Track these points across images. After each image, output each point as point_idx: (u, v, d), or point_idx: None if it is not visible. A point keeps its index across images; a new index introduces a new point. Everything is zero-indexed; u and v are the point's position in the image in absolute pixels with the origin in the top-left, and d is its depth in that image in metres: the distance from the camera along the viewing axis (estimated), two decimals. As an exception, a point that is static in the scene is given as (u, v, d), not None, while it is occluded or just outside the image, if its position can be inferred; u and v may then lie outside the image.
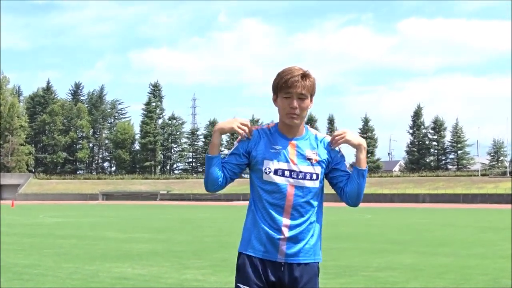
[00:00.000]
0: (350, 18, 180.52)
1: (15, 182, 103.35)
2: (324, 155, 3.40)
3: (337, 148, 3.44)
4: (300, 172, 3.32)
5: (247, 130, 3.39)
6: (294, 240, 3.31)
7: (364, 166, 3.39)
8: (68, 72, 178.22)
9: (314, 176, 3.34)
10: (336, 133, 3.42)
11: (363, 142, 3.39)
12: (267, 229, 3.32)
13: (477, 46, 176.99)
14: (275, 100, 3.39)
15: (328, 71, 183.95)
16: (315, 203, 3.38)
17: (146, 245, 16.07)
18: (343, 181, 3.44)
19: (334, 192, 3.47)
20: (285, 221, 3.30)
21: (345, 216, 36.53)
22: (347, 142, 3.39)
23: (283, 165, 3.32)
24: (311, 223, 3.36)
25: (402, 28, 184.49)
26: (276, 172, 3.31)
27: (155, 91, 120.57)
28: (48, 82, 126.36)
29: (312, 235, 3.38)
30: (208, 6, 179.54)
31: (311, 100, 3.35)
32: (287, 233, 3.30)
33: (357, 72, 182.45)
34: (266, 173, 3.32)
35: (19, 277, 10.05)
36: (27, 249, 14.99)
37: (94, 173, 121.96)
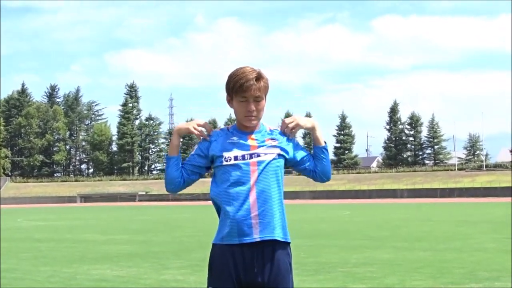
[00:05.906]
0: (326, 17, 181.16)
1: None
2: (283, 142, 3.45)
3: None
4: (260, 153, 3.35)
5: (204, 130, 3.47)
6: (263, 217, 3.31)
7: (323, 142, 3.51)
8: (44, 75, 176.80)
9: (274, 153, 3.37)
10: (287, 120, 3.49)
11: (315, 121, 3.51)
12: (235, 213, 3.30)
13: (451, 43, 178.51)
14: (229, 101, 3.44)
15: (305, 70, 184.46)
16: (275, 180, 3.36)
17: (125, 247, 16.02)
18: (309, 162, 3.51)
19: (311, 189, 3.50)
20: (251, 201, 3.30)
21: (323, 213, 36.70)
22: (301, 126, 3.49)
23: (242, 152, 3.36)
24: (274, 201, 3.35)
25: (377, 26, 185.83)
26: (236, 158, 3.35)
27: (132, 92, 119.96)
28: (23, 85, 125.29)
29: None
30: (185, 7, 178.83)
31: (265, 99, 3.40)
32: (255, 211, 3.29)
33: (333, 70, 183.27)
34: (226, 161, 3.35)
35: (-4, 281, 9.97)
36: (5, 253, 14.85)
37: (71, 175, 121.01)
